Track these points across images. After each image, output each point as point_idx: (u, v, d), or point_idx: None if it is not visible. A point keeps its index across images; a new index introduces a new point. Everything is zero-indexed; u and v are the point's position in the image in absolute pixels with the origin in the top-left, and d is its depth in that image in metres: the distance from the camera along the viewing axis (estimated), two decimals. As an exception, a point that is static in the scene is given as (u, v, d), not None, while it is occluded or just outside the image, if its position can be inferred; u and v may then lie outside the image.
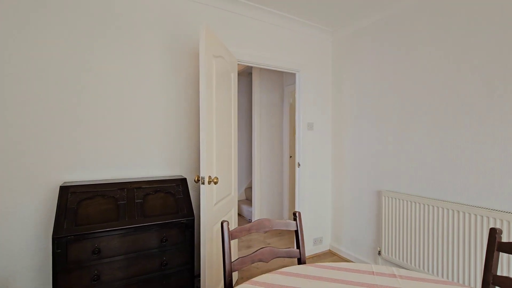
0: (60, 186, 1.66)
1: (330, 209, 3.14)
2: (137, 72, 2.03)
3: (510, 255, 1.64)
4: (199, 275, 2.26)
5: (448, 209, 1.97)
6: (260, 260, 1.16)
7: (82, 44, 1.84)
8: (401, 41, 2.36)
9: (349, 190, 2.89)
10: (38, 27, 1.71)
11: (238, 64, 3.07)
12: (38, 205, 1.73)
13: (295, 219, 1.28)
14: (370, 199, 2.65)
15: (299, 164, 2.93)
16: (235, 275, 2.36)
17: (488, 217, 1.75)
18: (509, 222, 1.65)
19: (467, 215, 1.86)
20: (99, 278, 1.55)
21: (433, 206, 2.07)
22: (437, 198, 2.10)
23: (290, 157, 4.04)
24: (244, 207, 4.32)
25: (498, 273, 1.67)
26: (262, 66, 2.69)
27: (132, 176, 2.03)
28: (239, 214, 4.50)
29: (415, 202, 2.20)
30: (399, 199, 2.32)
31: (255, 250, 1.36)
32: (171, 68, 2.16)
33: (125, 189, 1.80)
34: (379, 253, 2.50)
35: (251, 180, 4.55)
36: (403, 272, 1.08)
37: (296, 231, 1.26)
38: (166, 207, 1.83)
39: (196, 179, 1.78)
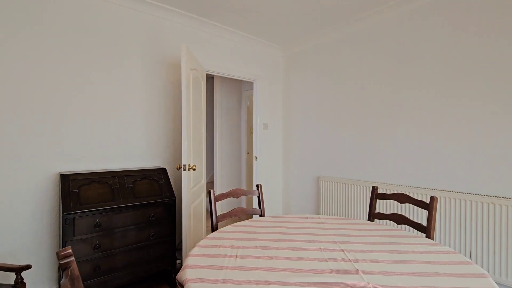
0: (61, 174, 1.96)
1: (281, 192, 3.81)
2: (122, 81, 2.38)
3: (381, 200, 2.46)
4: (177, 248, 2.68)
5: (365, 186, 2.76)
6: (235, 216, 1.69)
7: (72, 53, 2.14)
8: (333, 61, 3.13)
9: (296, 177, 3.59)
10: (32, 39, 1.98)
11: (207, 72, 3.54)
12: (35, 191, 2.00)
13: (257, 189, 1.85)
14: (312, 182, 3.38)
15: (256, 158, 3.53)
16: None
17: (388, 189, 2.56)
18: (389, 189, 2.47)
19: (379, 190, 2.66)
20: (100, 247, 1.91)
21: (355, 185, 2.85)
22: (359, 179, 2.88)
23: (248, 153, 4.63)
24: (206, 200, 4.77)
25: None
26: (226, 76, 3.22)
27: (121, 167, 2.38)
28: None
29: (343, 183, 2.96)
30: (332, 182, 3.07)
31: (231, 209, 1.87)
32: (151, 76, 2.56)
33: (117, 177, 2.17)
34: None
35: (212, 174, 5.01)
36: (326, 217, 1.72)
37: (259, 197, 1.83)
38: (152, 191, 2.24)
39: (178, 167, 2.23)
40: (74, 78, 2.15)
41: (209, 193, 1.62)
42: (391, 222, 2.46)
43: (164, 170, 2.45)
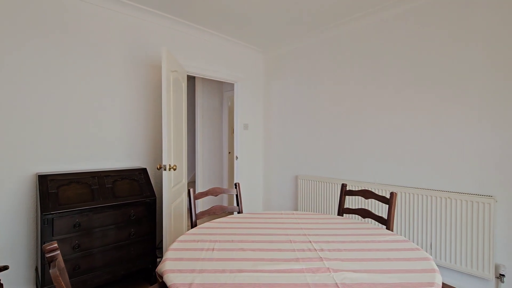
0: (38, 175, 1.96)
1: (261, 190, 3.93)
2: (102, 81, 2.40)
3: (350, 196, 2.65)
4: (157, 247, 2.73)
5: (339, 184, 2.93)
6: (214, 213, 1.78)
7: (52, 54, 2.14)
8: (310, 65, 3.28)
9: (276, 176, 3.72)
10: (9, 40, 1.96)
11: (188, 74, 3.58)
12: (12, 192, 1.98)
13: (236, 188, 1.95)
14: (291, 181, 3.52)
15: (237, 157, 3.63)
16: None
17: (359, 187, 2.74)
18: (359, 186, 2.66)
19: (349, 186, 2.83)
20: (79, 247, 1.94)
21: (330, 183, 3.02)
22: (334, 177, 3.05)
23: (229, 153, 4.71)
24: (187, 199, 4.80)
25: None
26: (207, 77, 3.29)
27: (100, 167, 2.40)
28: (182, 206, 4.94)
29: (319, 181, 3.12)
30: (309, 180, 3.23)
31: (210, 207, 1.95)
32: (132, 76, 2.58)
33: (96, 177, 2.18)
34: (296, 221, 3.39)
35: (194, 174, 5.04)
36: (299, 213, 1.85)
37: (237, 195, 1.93)
38: (132, 190, 2.28)
39: (158, 167, 2.28)
40: (52, 78, 2.14)
41: (188, 191, 1.70)
42: (358, 216, 2.64)
43: (144, 170, 2.49)
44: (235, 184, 1.95)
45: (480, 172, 2.11)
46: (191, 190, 1.70)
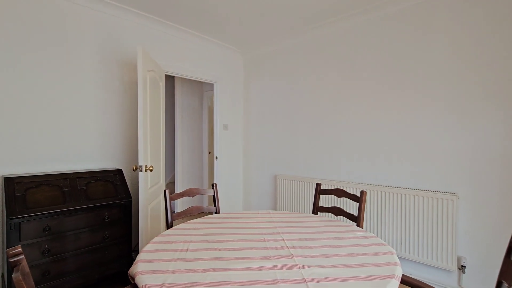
0: (4, 177, 1.87)
1: (241, 190, 3.95)
2: (76, 80, 2.32)
3: (325, 195, 2.75)
4: (134, 249, 2.68)
5: (314, 183, 3.02)
6: (190, 214, 1.79)
7: (19, 51, 2.04)
8: (289, 66, 3.34)
9: (256, 176, 3.76)
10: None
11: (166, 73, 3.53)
12: (-25, 197, 1.88)
13: (213, 188, 1.96)
14: (270, 181, 3.57)
15: (216, 158, 3.62)
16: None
17: (336, 186, 2.84)
18: (335, 185, 2.76)
19: (326, 185, 2.92)
20: (49, 251, 1.87)
21: (308, 183, 3.09)
22: (311, 177, 3.13)
23: (210, 153, 4.69)
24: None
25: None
26: (185, 77, 3.26)
27: (73, 168, 2.32)
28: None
29: (297, 181, 3.19)
30: (288, 180, 3.29)
31: (187, 208, 1.95)
32: (108, 75, 2.51)
33: (68, 179, 2.11)
34: (275, 220, 3.44)
35: (173, 175, 4.98)
36: (275, 212, 1.89)
37: (214, 195, 1.94)
38: (107, 192, 2.23)
39: (134, 168, 2.25)
40: (22, 76, 2.05)
41: (164, 192, 1.69)
42: (331, 214, 2.74)
43: (120, 172, 2.43)
44: (212, 185, 1.96)
45: (445, 170, 2.25)
46: (167, 191, 1.69)
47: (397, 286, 0.96)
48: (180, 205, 4.41)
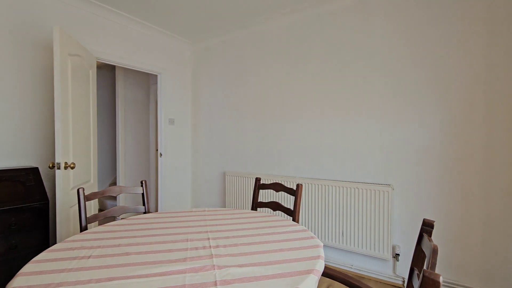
0: None
1: (190, 189, 3.75)
2: (-29, 58, 1.93)
3: (265, 190, 2.72)
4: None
5: (265, 180, 2.95)
6: (111, 215, 1.57)
7: None
8: (238, 59, 3.23)
9: (204, 173, 3.59)
10: None
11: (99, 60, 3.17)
12: None
13: (142, 186, 1.76)
14: (219, 178, 3.43)
15: (161, 154, 3.38)
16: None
17: (284, 181, 2.80)
18: (281, 181, 2.73)
19: (269, 180, 2.87)
20: None
21: (254, 179, 3.01)
22: (260, 173, 3.06)
23: (157, 150, 4.39)
24: (109, 202, 4.33)
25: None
26: (123, 66, 2.96)
27: (-33, 167, 1.92)
28: (103, 210, 4.43)
29: (246, 177, 3.10)
30: (236, 176, 3.18)
31: (109, 209, 1.73)
32: (22, 60, 2.14)
33: (-41, 179, 1.74)
34: (224, 219, 3.31)
35: (116, 177, 4.57)
36: (211, 209, 1.76)
37: (143, 194, 1.75)
38: (15, 194, 1.89)
39: (50, 165, 1.94)
40: None
41: (78, 191, 1.46)
42: (270, 209, 2.72)
43: (35, 170, 2.09)
44: (141, 182, 1.76)
45: (382, 163, 2.33)
46: (81, 189, 1.46)
47: (316, 281, 0.90)
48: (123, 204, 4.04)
